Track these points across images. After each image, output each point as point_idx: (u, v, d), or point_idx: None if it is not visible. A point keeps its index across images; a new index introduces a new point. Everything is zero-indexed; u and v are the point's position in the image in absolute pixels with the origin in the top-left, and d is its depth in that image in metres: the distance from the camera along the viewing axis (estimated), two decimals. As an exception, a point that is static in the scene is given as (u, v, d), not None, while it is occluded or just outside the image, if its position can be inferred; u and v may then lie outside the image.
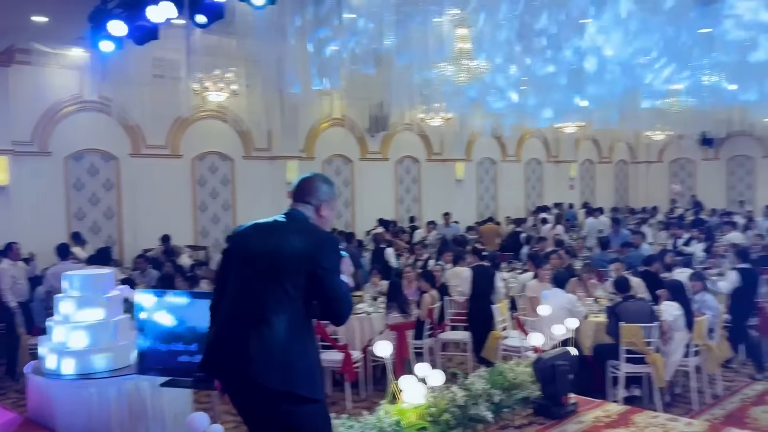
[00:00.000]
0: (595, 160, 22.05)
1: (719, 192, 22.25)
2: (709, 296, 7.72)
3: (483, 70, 7.97)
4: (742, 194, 21.90)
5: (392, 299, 7.10)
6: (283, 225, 2.92)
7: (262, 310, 2.70)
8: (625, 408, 5.27)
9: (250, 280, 2.78)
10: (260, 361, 2.61)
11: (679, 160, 23.32)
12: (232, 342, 2.69)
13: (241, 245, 2.93)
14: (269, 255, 2.78)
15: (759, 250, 11.04)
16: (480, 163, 18.23)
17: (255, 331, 2.66)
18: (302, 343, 2.72)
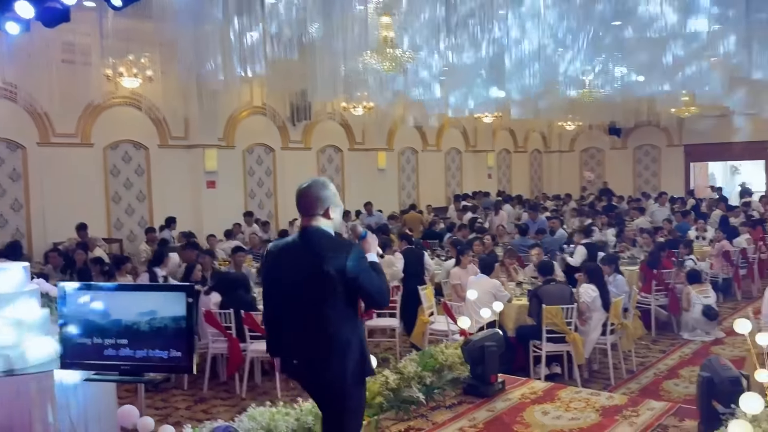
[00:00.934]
0: (511, 150, 22.64)
1: (627, 179, 23.33)
2: (620, 278, 8.12)
3: (407, 59, 8.01)
4: (648, 181, 23.08)
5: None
6: (303, 246, 3.23)
7: (315, 322, 3.14)
8: (549, 384, 5.49)
9: (294, 298, 3.19)
10: (321, 360, 3.14)
11: (589, 149, 24.29)
12: (296, 349, 3.24)
13: (275, 271, 3.35)
14: (302, 277, 3.16)
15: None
16: (401, 153, 18.37)
17: (312, 338, 3.16)
18: (348, 340, 3.17)
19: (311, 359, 3.18)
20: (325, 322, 3.13)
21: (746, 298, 10.79)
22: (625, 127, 22.43)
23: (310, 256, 3.14)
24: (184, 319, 3.49)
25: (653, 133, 22.72)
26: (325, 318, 3.13)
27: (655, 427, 4.44)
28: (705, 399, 4.26)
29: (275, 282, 3.34)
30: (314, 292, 3.12)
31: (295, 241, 3.31)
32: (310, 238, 3.19)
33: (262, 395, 6.73)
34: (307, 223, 3.23)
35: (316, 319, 3.13)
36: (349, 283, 3.09)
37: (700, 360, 7.65)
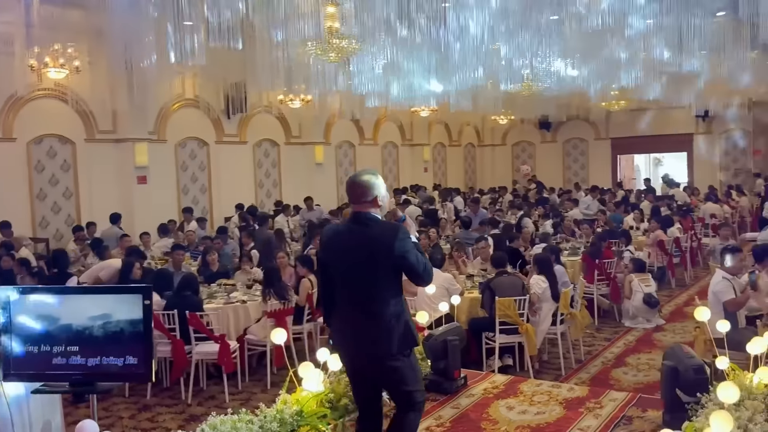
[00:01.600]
0: (446, 144, 22.79)
1: (557, 172, 23.90)
2: (559, 268, 8.21)
3: (353, 50, 7.83)
4: (577, 174, 23.70)
5: (269, 286, 6.82)
6: (354, 230, 3.50)
7: (367, 299, 3.41)
8: (509, 378, 5.46)
9: (351, 279, 3.45)
10: (375, 338, 3.38)
11: (520, 143, 24.74)
12: (351, 329, 3.47)
13: (331, 253, 3.59)
14: (354, 259, 3.42)
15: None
16: (339, 147, 18.16)
17: (366, 317, 3.41)
18: (396, 313, 3.43)
19: (367, 340, 3.41)
20: (375, 299, 3.39)
21: (680, 285, 11.17)
22: (555, 121, 23.00)
23: (362, 238, 3.41)
24: (141, 322, 3.24)
25: (582, 127, 23.34)
26: (375, 295, 3.40)
27: (620, 419, 4.45)
28: (669, 388, 4.30)
29: (329, 262, 3.57)
30: (365, 272, 3.39)
31: (347, 225, 3.61)
32: (362, 222, 3.44)
33: (209, 400, 6.46)
34: (358, 209, 3.48)
35: (367, 297, 3.40)
36: (398, 262, 3.36)
37: (644, 347, 7.93)
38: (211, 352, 6.42)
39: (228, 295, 7.29)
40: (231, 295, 7.29)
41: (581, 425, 4.39)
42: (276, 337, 4.21)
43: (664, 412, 4.35)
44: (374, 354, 3.41)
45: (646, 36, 11.90)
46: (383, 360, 3.40)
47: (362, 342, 3.43)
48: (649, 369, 7.13)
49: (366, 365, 3.51)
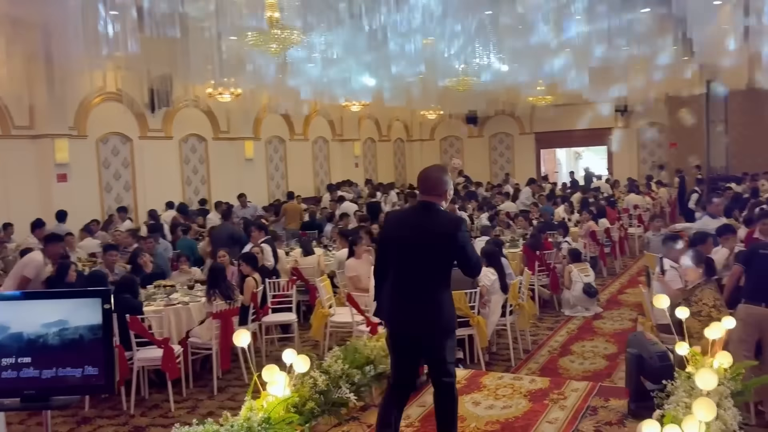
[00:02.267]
0: (376, 139, 22.74)
1: (483, 166, 24.31)
2: (504, 261, 8.28)
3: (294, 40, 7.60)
4: (503, 168, 24.17)
5: (214, 286, 6.52)
6: (423, 216, 3.74)
7: (422, 280, 3.68)
8: (470, 372, 5.42)
9: (408, 259, 3.69)
10: (426, 315, 3.66)
11: (448, 137, 25.01)
12: (404, 304, 3.71)
13: (395, 231, 3.84)
14: (419, 240, 3.67)
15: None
16: (269, 142, 17.76)
17: (420, 295, 3.68)
18: (447, 295, 3.77)
19: (419, 316, 3.67)
20: (432, 281, 3.69)
21: (611, 274, 11.53)
22: (483, 116, 23.37)
23: (428, 225, 3.67)
24: (100, 328, 2.97)
25: (507, 122, 23.83)
26: (433, 277, 3.69)
27: (585, 409, 4.48)
28: (634, 376, 4.36)
29: (391, 242, 3.82)
30: (427, 255, 3.66)
31: (416, 211, 3.85)
32: (431, 210, 3.70)
33: (152, 410, 6.10)
34: (427, 198, 3.74)
35: (426, 278, 3.67)
36: (457, 251, 3.69)
37: (586, 335, 8.10)
38: (154, 358, 6.07)
39: (168, 296, 6.93)
40: (171, 296, 6.94)
41: (549, 417, 4.38)
42: (240, 340, 3.98)
43: (630, 401, 4.41)
44: (428, 329, 3.69)
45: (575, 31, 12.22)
46: (435, 335, 3.71)
47: (418, 317, 3.68)
48: (594, 357, 7.28)
49: (418, 337, 3.74)
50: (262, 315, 7.38)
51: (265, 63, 10.07)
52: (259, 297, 7.24)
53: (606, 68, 14.75)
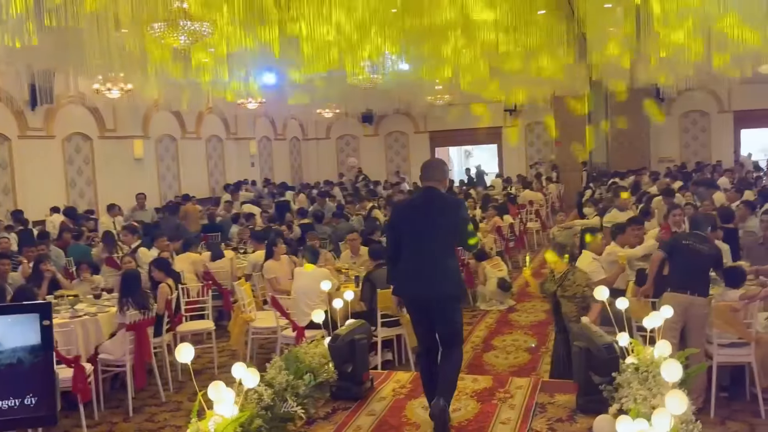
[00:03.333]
0: (271, 137, 22.22)
1: (380, 165, 24.39)
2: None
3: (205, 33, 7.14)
4: (399, 166, 24.37)
5: (128, 294, 6.00)
6: (430, 200, 4.27)
7: (433, 253, 4.17)
8: (412, 374, 5.28)
9: (420, 237, 4.22)
10: (438, 282, 4.18)
11: (344, 136, 24.88)
12: (418, 274, 4.20)
13: (405, 215, 4.46)
14: (429, 220, 4.21)
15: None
16: (159, 141, 16.84)
17: (432, 266, 4.18)
18: (454, 266, 4.32)
19: (431, 283, 4.16)
20: (443, 253, 4.19)
21: (516, 268, 11.82)
22: (378, 115, 23.42)
23: (434, 208, 4.22)
24: (41, 349, 2.57)
25: (402, 121, 24.04)
26: (441, 253, 4.18)
27: (534, 407, 4.46)
28: (583, 370, 4.38)
29: (403, 225, 4.34)
30: (434, 234, 4.18)
31: (421, 198, 4.38)
32: (436, 195, 4.27)
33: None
34: (431, 185, 4.28)
35: (438, 251, 4.17)
36: (460, 225, 4.25)
37: (505, 329, 8.22)
38: (63, 379, 5.48)
39: (72, 307, 6.31)
40: (76, 307, 6.32)
41: (502, 418, 4.32)
42: (182, 354, 3.61)
43: (578, 396, 4.43)
44: (442, 293, 4.18)
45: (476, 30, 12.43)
46: (447, 298, 4.21)
47: (433, 284, 4.16)
48: (516, 351, 7.39)
49: (433, 302, 4.21)
50: (177, 323, 6.90)
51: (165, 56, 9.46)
52: (173, 304, 6.77)
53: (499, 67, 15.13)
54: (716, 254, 5.69)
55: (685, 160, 21.30)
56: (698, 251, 5.56)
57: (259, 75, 12.57)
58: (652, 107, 20.74)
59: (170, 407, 6.10)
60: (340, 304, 5.26)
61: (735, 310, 5.36)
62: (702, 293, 5.56)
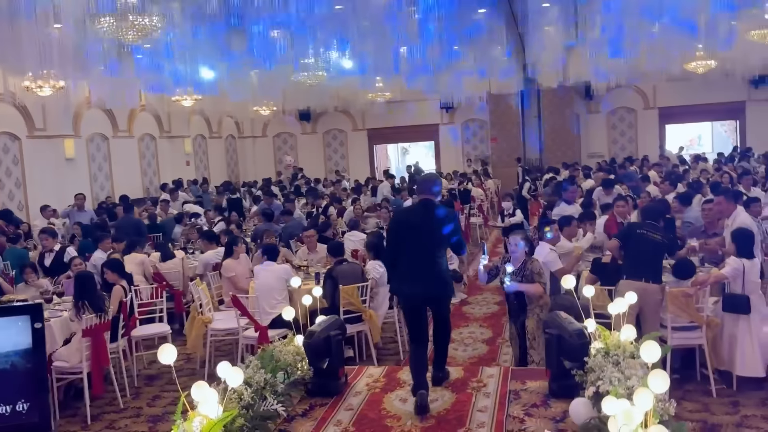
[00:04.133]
0: (207, 136, 21.73)
1: (318, 163, 24.26)
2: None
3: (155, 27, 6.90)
4: (338, 164, 24.30)
5: (83, 296, 5.76)
6: (424, 210, 4.74)
7: (428, 256, 4.68)
8: (383, 369, 5.31)
9: (417, 241, 4.69)
10: (433, 282, 4.71)
11: (281, 134, 24.61)
12: (416, 276, 4.69)
13: (404, 223, 4.92)
14: (424, 227, 4.69)
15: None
16: (90, 140, 16.19)
17: (428, 268, 4.69)
18: (446, 268, 4.88)
19: (427, 284, 4.68)
20: (437, 257, 4.72)
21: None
22: (315, 112, 23.27)
23: (429, 217, 4.68)
24: (33, 353, 2.46)
25: (340, 119, 23.98)
26: (437, 255, 4.72)
27: (508, 394, 4.56)
28: (555, 356, 4.51)
29: (401, 231, 4.84)
30: (433, 239, 4.68)
31: (418, 208, 4.88)
32: (430, 206, 4.73)
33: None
34: (427, 197, 4.77)
35: (433, 255, 4.69)
36: (450, 234, 4.72)
37: (460, 322, 8.34)
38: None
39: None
40: (24, 315, 6.01)
41: (479, 406, 4.40)
42: (164, 356, 3.50)
43: (550, 381, 4.55)
44: (437, 292, 4.79)
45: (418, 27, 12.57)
46: (442, 296, 4.88)
47: (428, 286, 4.69)
48: (474, 342, 7.52)
49: (429, 299, 4.80)
50: (132, 327, 6.68)
51: (103, 52, 9.16)
52: (128, 306, 6.55)
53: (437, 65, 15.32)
54: (669, 242, 5.96)
55: (614, 155, 22.12)
56: (651, 240, 5.81)
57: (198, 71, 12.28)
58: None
59: (130, 413, 5.91)
60: (309, 300, 5.23)
61: (687, 296, 5.62)
62: (655, 280, 5.82)
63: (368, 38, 12.27)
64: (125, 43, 7.61)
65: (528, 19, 13.39)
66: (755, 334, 5.58)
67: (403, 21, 12.18)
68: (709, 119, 23.19)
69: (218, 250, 8.17)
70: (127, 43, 7.13)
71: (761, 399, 5.42)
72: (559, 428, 4.05)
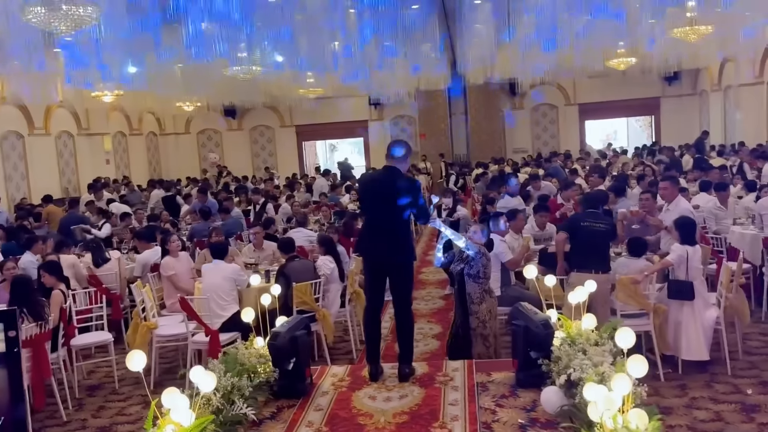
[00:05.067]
0: (127, 133, 20.90)
1: (245, 160, 23.78)
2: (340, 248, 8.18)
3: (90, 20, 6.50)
4: (266, 161, 23.90)
5: (21, 302, 5.37)
6: (389, 175, 4.82)
7: (391, 221, 4.81)
8: (346, 368, 5.23)
9: (381, 206, 4.87)
10: (395, 248, 4.83)
11: (206, 131, 23.97)
12: (378, 241, 4.85)
13: (369, 188, 5.22)
14: (388, 192, 4.73)
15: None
16: (4, 138, 15.26)
17: (390, 233, 4.83)
18: (409, 234, 5.07)
19: (389, 250, 4.81)
20: (399, 223, 4.83)
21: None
22: (241, 108, 22.79)
23: (392, 182, 4.74)
24: (3, 361, 2.25)
25: (267, 115, 23.59)
26: (399, 221, 4.81)
27: (476, 387, 4.57)
28: (522, 347, 4.55)
29: (365, 199, 5.31)
30: (395, 205, 4.71)
31: (382, 173, 5.00)
32: (394, 173, 4.81)
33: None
34: (392, 163, 4.84)
35: (395, 221, 4.80)
36: (414, 201, 4.76)
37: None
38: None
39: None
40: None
41: (450, 399, 4.38)
42: (134, 362, 3.31)
43: (517, 372, 4.59)
44: (398, 260, 4.84)
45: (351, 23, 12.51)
46: (404, 261, 4.89)
47: (391, 249, 4.80)
48: (425, 338, 7.51)
49: (391, 264, 4.85)
50: (71, 336, 6.30)
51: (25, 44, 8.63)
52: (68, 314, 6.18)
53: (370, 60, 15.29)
54: (612, 228, 6.17)
55: (537, 151, 22.77)
56: (596, 230, 5.99)
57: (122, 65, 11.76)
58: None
59: (74, 426, 5.58)
60: (269, 300, 5.08)
61: (636, 282, 5.81)
62: (603, 270, 5.99)
63: (299, 33, 12.11)
64: (48, 35, 7.13)
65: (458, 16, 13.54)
66: (699, 319, 5.83)
67: (335, 16, 12.11)
68: (627, 115, 24.23)
69: (156, 249, 7.85)
70: (58, 35, 6.68)
71: (706, 381, 5.66)
72: (531, 417, 4.08)
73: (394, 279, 4.90)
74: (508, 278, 6.77)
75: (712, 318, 5.90)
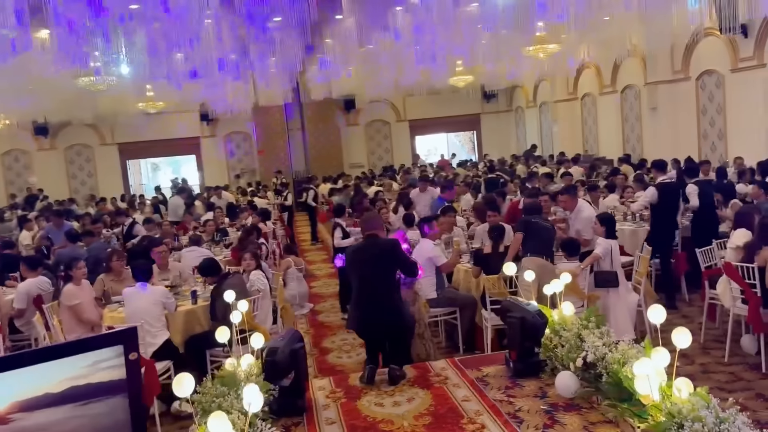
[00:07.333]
0: None
1: (61, 181, 21.56)
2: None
3: None
4: (85, 182, 21.84)
5: None
6: (373, 246, 5.15)
7: (380, 288, 5.07)
8: (327, 379, 4.95)
9: (368, 275, 5.09)
10: (385, 312, 5.05)
11: (12, 151, 21.35)
12: (369, 307, 5.08)
13: (356, 258, 5.23)
14: (374, 261, 5.07)
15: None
16: None
17: (380, 298, 5.05)
18: (398, 297, 5.21)
19: (385, 311, 5.02)
20: (389, 289, 5.08)
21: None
22: (54, 125, 20.68)
23: (378, 251, 5.07)
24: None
25: (84, 132, 21.67)
26: (389, 287, 5.08)
27: (477, 382, 4.54)
28: (519, 338, 4.60)
29: (357, 268, 5.14)
30: (382, 272, 5.04)
31: (366, 244, 5.24)
32: (377, 242, 5.18)
33: None
34: (373, 233, 5.22)
35: (385, 288, 5.05)
36: (400, 263, 5.14)
37: (325, 331, 8.15)
38: None
39: None
40: None
41: (461, 396, 4.30)
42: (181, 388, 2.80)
43: (515, 362, 4.62)
44: (394, 321, 5.07)
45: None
46: (399, 325, 5.11)
47: (385, 315, 5.02)
48: (353, 348, 7.31)
49: (386, 328, 5.07)
50: None
51: None
52: None
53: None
54: (554, 230, 6.58)
55: (372, 166, 23.30)
56: (545, 227, 6.36)
57: None
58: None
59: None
60: (239, 318, 4.64)
61: (575, 275, 6.17)
62: (551, 260, 6.36)
63: (130, 44, 11.21)
64: None
65: (315, 32, 13.44)
66: (624, 303, 6.35)
67: (172, 26, 11.38)
68: (452, 130, 25.72)
69: (40, 278, 6.80)
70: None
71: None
72: (549, 403, 4.13)
73: (394, 339, 5.07)
74: (442, 281, 6.84)
75: (635, 301, 6.46)
